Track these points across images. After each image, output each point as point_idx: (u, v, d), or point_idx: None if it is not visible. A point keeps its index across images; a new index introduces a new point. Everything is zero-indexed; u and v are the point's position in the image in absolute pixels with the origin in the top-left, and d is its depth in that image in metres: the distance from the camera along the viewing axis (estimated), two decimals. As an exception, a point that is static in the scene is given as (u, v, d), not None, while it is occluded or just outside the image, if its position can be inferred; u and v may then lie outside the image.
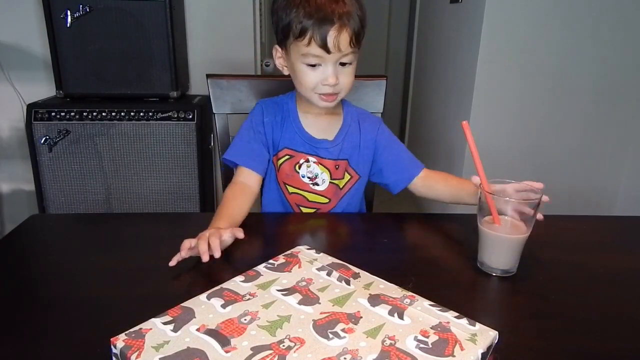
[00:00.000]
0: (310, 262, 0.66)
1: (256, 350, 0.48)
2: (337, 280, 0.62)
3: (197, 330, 0.51)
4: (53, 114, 1.69)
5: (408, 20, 3.61)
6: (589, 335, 0.60)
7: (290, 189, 1.01)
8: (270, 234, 0.92)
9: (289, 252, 0.70)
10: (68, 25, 1.67)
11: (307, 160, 0.99)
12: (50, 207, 1.77)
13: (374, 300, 0.57)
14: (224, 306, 0.56)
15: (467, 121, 0.72)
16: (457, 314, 0.55)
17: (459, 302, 0.65)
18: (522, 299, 0.69)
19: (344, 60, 0.88)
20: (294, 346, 0.48)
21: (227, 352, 0.48)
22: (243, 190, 0.94)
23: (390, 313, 0.55)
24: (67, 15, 1.66)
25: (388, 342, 0.50)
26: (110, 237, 0.87)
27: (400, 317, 0.54)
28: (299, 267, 0.65)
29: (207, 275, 0.72)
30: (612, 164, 2.21)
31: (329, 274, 0.63)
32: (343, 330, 0.51)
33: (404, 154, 1.05)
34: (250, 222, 0.89)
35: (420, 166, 1.03)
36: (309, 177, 1.00)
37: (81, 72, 1.73)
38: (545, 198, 0.73)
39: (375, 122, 1.05)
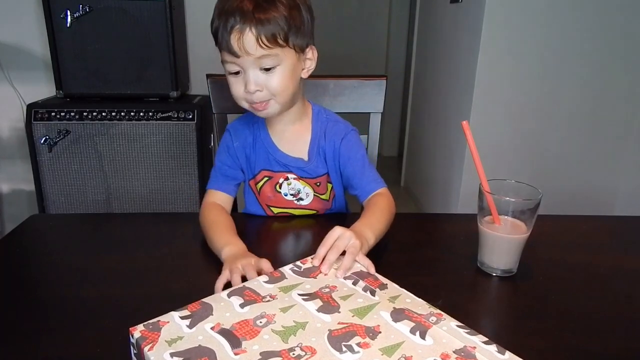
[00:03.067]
0: (337, 270, 0.64)
1: (265, 355, 0.46)
2: (362, 290, 0.59)
3: (212, 328, 0.50)
4: (53, 114, 1.69)
5: (408, 20, 3.61)
6: (589, 335, 0.61)
7: (275, 210, 0.99)
8: (267, 234, 0.92)
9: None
10: (68, 25, 1.67)
11: (287, 178, 0.96)
12: (50, 207, 1.77)
13: (397, 314, 0.53)
14: (242, 305, 0.55)
15: (467, 121, 0.72)
16: (486, 339, 0.50)
17: (459, 302, 0.65)
18: (522, 299, 0.69)
19: (263, 64, 0.80)
20: (304, 355, 0.47)
21: (236, 354, 0.47)
22: (222, 208, 0.92)
23: (412, 331, 0.51)
24: (67, 15, 1.66)
25: None
26: (110, 237, 0.87)
27: (422, 336, 0.50)
28: (325, 273, 0.63)
29: (206, 276, 0.72)
30: (612, 164, 2.21)
31: (354, 283, 0.60)
32: (358, 344, 0.48)
33: (366, 169, 0.94)
34: (249, 223, 0.89)
35: (378, 186, 0.92)
36: (291, 194, 0.97)
37: (81, 72, 1.73)
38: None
39: (340, 132, 0.95)
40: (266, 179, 0.98)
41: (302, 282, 0.60)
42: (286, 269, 0.63)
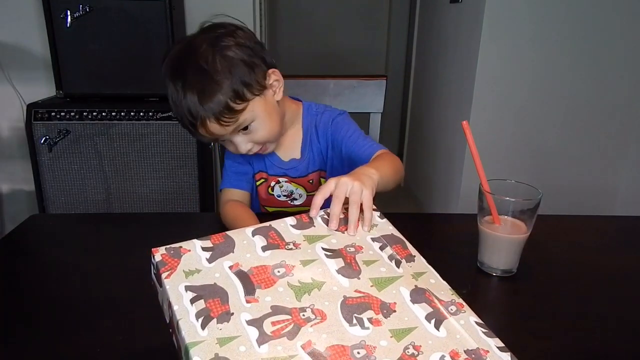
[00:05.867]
0: (348, 227, 0.59)
1: (275, 310, 0.46)
2: (388, 258, 0.55)
3: (230, 267, 0.50)
4: (53, 114, 1.69)
5: (408, 20, 3.61)
6: (589, 335, 0.61)
7: (270, 209, 1.01)
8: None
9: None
10: (68, 25, 1.67)
11: (278, 182, 0.98)
12: (50, 207, 1.77)
13: (417, 295, 0.50)
14: (264, 249, 0.53)
15: (467, 121, 0.72)
16: (502, 344, 0.46)
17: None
18: (522, 299, 0.69)
19: (240, 128, 0.82)
20: (314, 319, 0.45)
21: (247, 302, 0.46)
22: (239, 203, 0.93)
23: (428, 318, 0.48)
24: (67, 15, 1.65)
25: (411, 351, 0.44)
26: (110, 237, 0.87)
27: (437, 326, 0.47)
28: (355, 229, 0.59)
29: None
30: (612, 163, 2.21)
31: (382, 248, 0.57)
32: (370, 319, 0.46)
33: (360, 140, 0.92)
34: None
35: (376, 148, 0.90)
36: (284, 195, 0.99)
37: (81, 72, 1.73)
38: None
39: (327, 120, 0.96)
40: (262, 180, 0.99)
41: (330, 234, 0.57)
42: (317, 218, 0.60)
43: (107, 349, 0.55)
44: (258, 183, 1.00)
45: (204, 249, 0.52)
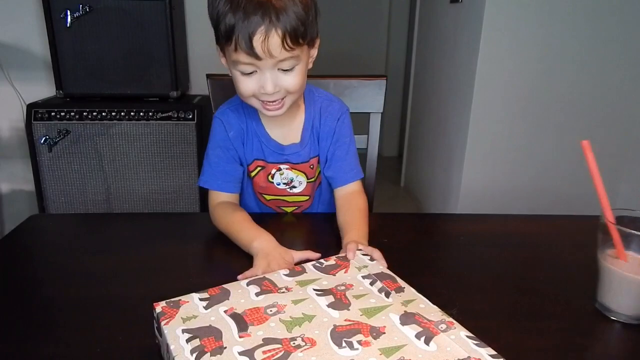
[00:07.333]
0: (358, 269, 0.63)
1: (266, 342, 0.48)
2: (378, 291, 0.58)
3: (225, 312, 0.53)
4: (53, 114, 1.69)
5: (408, 20, 3.61)
6: None
7: (268, 197, 0.99)
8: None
9: (342, 254, 0.68)
10: (68, 25, 1.67)
11: (279, 169, 0.95)
12: (50, 207, 1.77)
13: (407, 318, 0.52)
14: (258, 294, 0.57)
15: (588, 141, 0.63)
16: (494, 352, 0.47)
17: (459, 303, 0.65)
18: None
19: (283, 66, 0.78)
20: (304, 346, 0.47)
21: (240, 337, 0.49)
22: (231, 204, 0.91)
23: (418, 336, 0.49)
24: (67, 15, 1.66)
25: None
26: (110, 237, 0.87)
27: (427, 342, 0.48)
28: (345, 272, 0.62)
29: (207, 275, 0.72)
30: (612, 163, 2.21)
31: (372, 284, 0.60)
32: (359, 342, 0.48)
33: (349, 155, 0.95)
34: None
35: (357, 176, 0.94)
36: (284, 183, 0.96)
37: (81, 72, 1.73)
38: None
39: (336, 112, 0.95)
40: (259, 168, 0.96)
41: (320, 277, 0.61)
42: (309, 265, 0.64)
43: (107, 349, 0.55)
44: (254, 172, 0.96)
45: (202, 299, 0.55)
